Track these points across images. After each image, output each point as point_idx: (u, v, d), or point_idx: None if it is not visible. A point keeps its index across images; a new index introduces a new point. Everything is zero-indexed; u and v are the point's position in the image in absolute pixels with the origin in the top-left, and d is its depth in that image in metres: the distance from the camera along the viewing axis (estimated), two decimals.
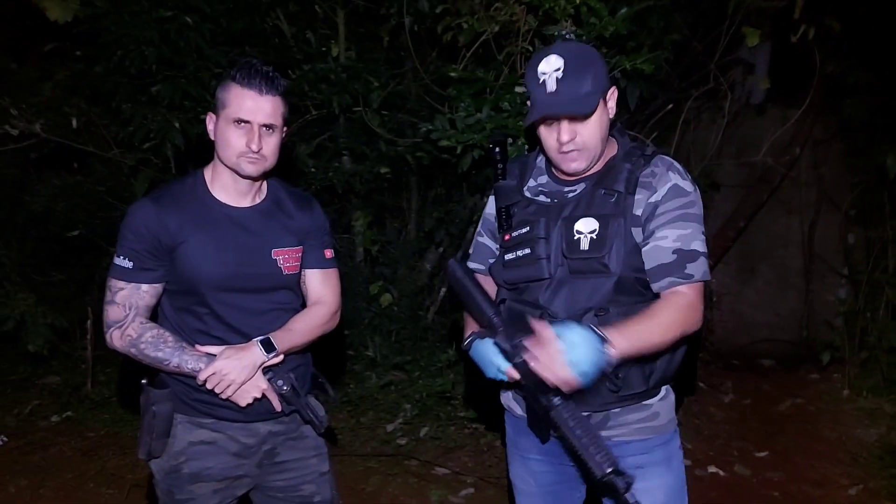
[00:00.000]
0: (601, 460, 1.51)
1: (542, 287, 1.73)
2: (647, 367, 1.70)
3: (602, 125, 1.71)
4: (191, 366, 1.80)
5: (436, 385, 4.14)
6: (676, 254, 1.65)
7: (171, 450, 1.88)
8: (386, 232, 4.86)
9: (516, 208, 1.83)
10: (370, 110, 4.11)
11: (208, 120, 1.87)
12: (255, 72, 1.79)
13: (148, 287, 1.83)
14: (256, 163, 1.81)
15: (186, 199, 1.86)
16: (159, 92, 3.82)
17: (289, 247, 1.94)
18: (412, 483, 3.49)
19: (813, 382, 4.36)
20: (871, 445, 3.62)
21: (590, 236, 1.68)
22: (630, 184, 1.70)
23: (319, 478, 2.05)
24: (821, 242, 5.18)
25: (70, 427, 4.12)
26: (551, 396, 1.59)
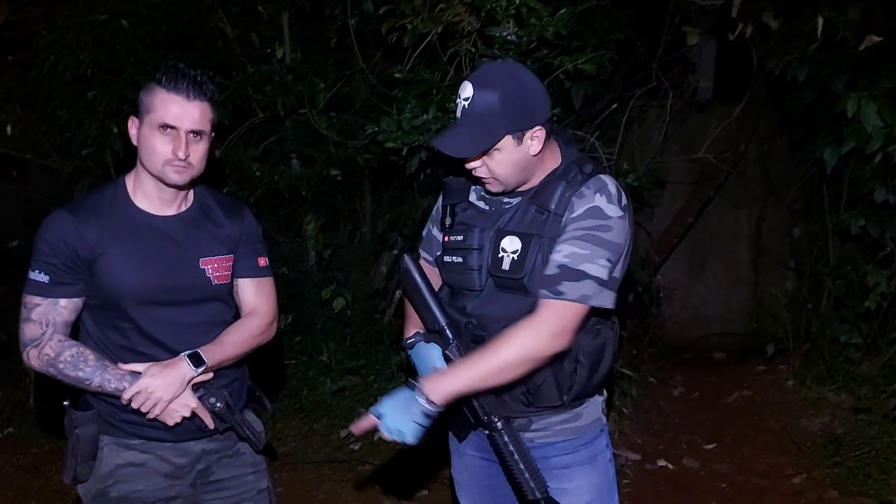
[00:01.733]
0: (534, 486, 1.65)
1: (472, 296, 1.74)
2: (565, 383, 1.69)
3: (514, 161, 1.65)
4: (113, 385, 1.72)
5: (390, 388, 4.11)
6: (560, 269, 1.61)
7: (98, 473, 1.82)
8: (339, 235, 4.81)
9: (458, 209, 1.82)
10: (317, 112, 4.06)
11: (130, 124, 1.79)
12: (183, 75, 1.71)
13: (66, 302, 1.75)
14: (183, 171, 1.74)
15: (106, 208, 1.78)
16: (96, 97, 3.73)
17: (218, 255, 1.87)
18: (366, 489, 3.47)
19: (760, 374, 4.44)
20: (814, 434, 3.69)
21: (511, 256, 1.67)
22: (561, 204, 1.67)
23: (258, 495, 2.00)
24: (768, 236, 5.28)
25: (12, 443, 4.00)
26: (493, 419, 1.65)
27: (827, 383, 3.97)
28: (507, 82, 1.62)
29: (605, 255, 1.61)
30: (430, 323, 1.73)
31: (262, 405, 2.00)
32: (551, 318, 1.61)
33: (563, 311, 1.61)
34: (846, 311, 4.08)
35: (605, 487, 1.83)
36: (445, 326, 1.70)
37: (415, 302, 1.76)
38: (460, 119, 1.64)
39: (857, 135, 3.54)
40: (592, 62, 3.19)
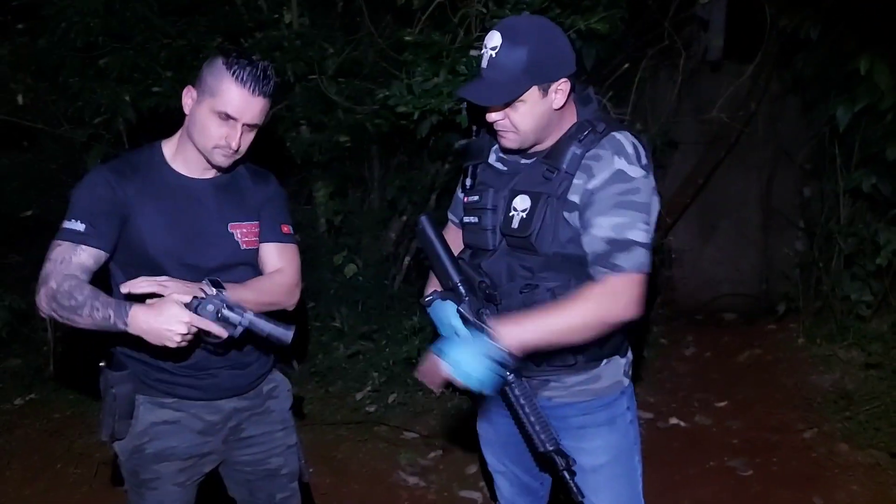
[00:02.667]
0: (545, 439, 1.67)
1: (486, 256, 1.77)
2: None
3: (537, 114, 1.65)
4: (100, 314, 1.60)
5: (402, 352, 4.16)
6: (609, 243, 1.61)
7: (134, 430, 1.86)
8: (348, 202, 4.82)
9: (478, 170, 1.84)
10: (326, 78, 4.05)
11: (186, 92, 1.78)
12: (253, 69, 1.70)
13: (90, 250, 1.70)
14: (230, 157, 1.78)
15: (144, 168, 1.80)
16: (107, 65, 3.71)
17: (246, 221, 1.89)
18: (382, 448, 3.54)
19: (770, 333, 4.47)
20: (825, 391, 3.74)
21: (521, 214, 1.69)
22: (573, 164, 1.66)
23: (286, 450, 2.05)
24: (778, 197, 5.26)
25: (34, 409, 4.08)
26: (505, 372, 1.65)
27: (837, 340, 4.01)
28: (535, 33, 1.62)
29: (641, 217, 1.63)
30: (445, 280, 1.75)
31: (289, 365, 2.04)
32: (620, 288, 1.61)
33: (629, 282, 1.62)
34: (857, 268, 4.09)
35: (625, 449, 1.85)
36: (459, 283, 1.72)
37: (431, 260, 1.78)
38: (486, 69, 1.63)
39: (869, 93, 3.53)
40: (604, 21, 3.17)
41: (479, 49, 3.27)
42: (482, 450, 2.06)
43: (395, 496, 3.17)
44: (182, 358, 1.81)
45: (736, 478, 3.13)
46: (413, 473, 3.33)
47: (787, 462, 3.20)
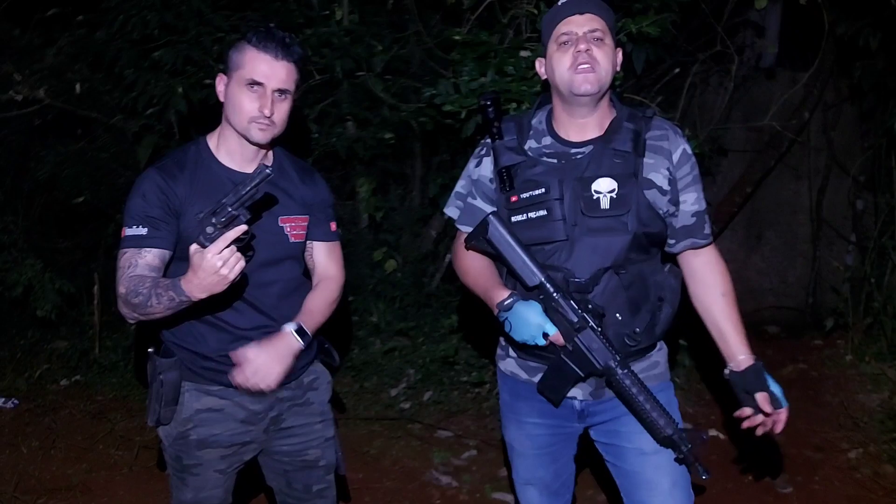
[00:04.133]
0: (664, 424, 1.70)
1: (557, 248, 1.74)
2: (655, 321, 1.80)
3: (612, 61, 1.76)
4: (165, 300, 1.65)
5: (439, 350, 4.16)
6: (695, 217, 1.80)
7: (179, 417, 1.90)
8: (390, 198, 4.84)
9: (518, 169, 1.80)
10: (373, 75, 4.07)
11: (218, 81, 1.85)
12: (272, 36, 1.77)
13: (151, 250, 1.77)
14: (266, 129, 1.80)
15: (191, 165, 1.85)
16: (161, 57, 3.80)
17: (295, 215, 1.93)
18: (415, 446, 3.54)
19: (817, 348, 4.36)
20: (872, 410, 3.62)
21: (609, 195, 1.71)
22: (638, 145, 1.74)
23: (324, 443, 2.07)
24: (829, 208, 5.12)
25: (79, 391, 4.18)
26: (611, 364, 1.70)
27: (887, 359, 3.89)
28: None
29: (702, 188, 1.83)
30: (528, 279, 1.72)
31: (331, 357, 2.06)
32: (718, 255, 1.88)
33: (716, 252, 1.89)
34: None
35: None
36: (545, 280, 1.71)
37: (508, 260, 1.75)
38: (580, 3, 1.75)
39: None
40: (656, 25, 3.12)
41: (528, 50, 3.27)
42: (512, 461, 2.03)
43: (426, 495, 3.17)
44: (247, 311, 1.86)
45: (775, 495, 3.06)
46: (446, 473, 3.32)
47: (830, 482, 3.12)
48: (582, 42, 1.71)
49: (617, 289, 1.74)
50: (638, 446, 1.80)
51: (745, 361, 1.78)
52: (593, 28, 1.73)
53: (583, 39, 1.71)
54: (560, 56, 1.74)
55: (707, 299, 1.84)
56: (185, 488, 1.96)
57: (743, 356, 1.79)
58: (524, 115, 1.92)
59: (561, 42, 1.74)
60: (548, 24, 1.80)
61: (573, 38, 1.72)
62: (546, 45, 1.81)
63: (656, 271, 1.83)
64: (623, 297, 1.75)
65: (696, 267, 1.85)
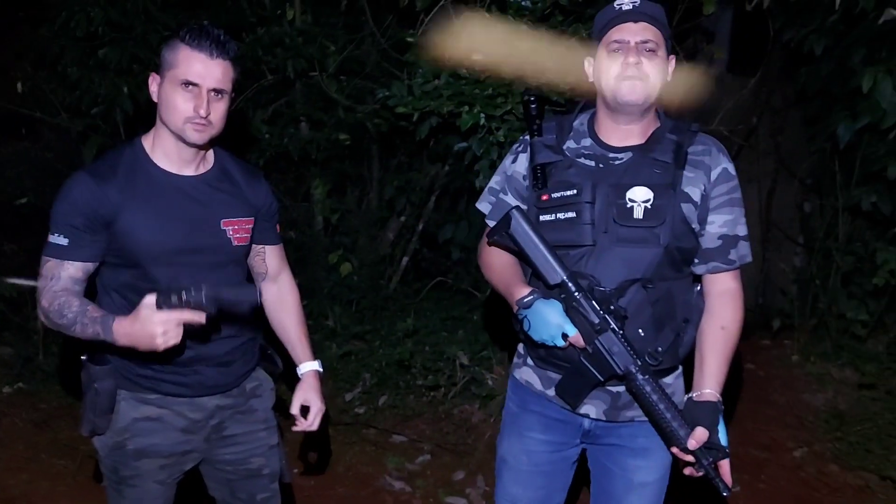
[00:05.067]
0: (683, 435, 1.61)
1: (584, 254, 1.70)
2: (679, 343, 1.74)
3: (662, 73, 1.69)
4: (90, 329, 1.65)
5: (395, 354, 4.13)
6: (721, 239, 1.72)
7: (115, 426, 1.83)
8: (346, 200, 4.81)
9: (554, 168, 1.76)
10: (327, 75, 4.03)
11: (151, 80, 1.77)
12: (206, 34, 1.70)
13: (74, 263, 1.72)
14: (203, 130, 1.73)
15: (126, 168, 1.76)
16: (106, 56, 3.71)
17: (239, 217, 1.87)
18: (369, 451, 3.52)
19: (765, 348, 4.45)
20: (818, 409, 3.72)
21: (644, 205, 1.67)
22: (679, 157, 1.69)
23: (268, 450, 2.03)
24: (778, 211, 5.24)
25: (22, 398, 4.04)
26: (631, 368, 1.63)
27: (832, 359, 3.99)
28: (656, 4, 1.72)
29: (743, 212, 1.76)
30: (550, 277, 1.67)
31: (273, 363, 2.02)
32: (738, 286, 1.78)
33: (738, 277, 1.79)
34: (854, 287, 4.07)
35: (668, 466, 1.85)
36: (567, 279, 1.65)
37: (530, 257, 1.69)
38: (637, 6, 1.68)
39: (872, 110, 3.51)
40: None
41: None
42: (500, 475, 1.97)
43: (379, 501, 3.15)
44: (171, 357, 1.77)
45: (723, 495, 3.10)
46: (399, 478, 3.30)
47: (776, 481, 3.18)
48: (632, 54, 1.65)
49: (643, 303, 1.68)
50: (629, 477, 1.79)
51: (709, 396, 1.67)
52: (646, 38, 1.66)
53: (633, 50, 1.66)
54: (609, 63, 1.69)
55: (705, 327, 1.74)
56: (122, 501, 1.89)
57: (709, 390, 1.67)
58: (567, 116, 1.88)
59: (612, 49, 1.69)
60: (599, 24, 1.73)
61: (625, 46, 1.67)
62: (597, 44, 1.74)
63: (686, 291, 1.76)
64: (648, 313, 1.68)
65: (711, 292, 1.77)
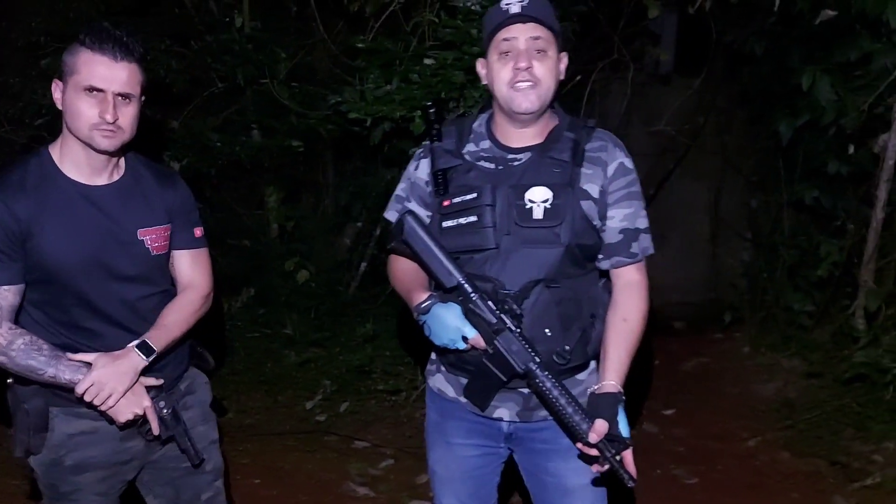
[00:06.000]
0: (586, 429, 1.58)
1: (488, 257, 1.68)
2: (587, 338, 1.73)
3: (555, 73, 1.67)
4: (67, 377, 1.65)
5: (355, 360, 4.13)
6: (623, 233, 1.70)
7: (50, 443, 1.75)
8: (301, 207, 4.78)
9: (454, 173, 1.74)
10: (278, 82, 4.01)
11: (54, 87, 1.68)
12: (108, 35, 1.61)
13: (10, 287, 1.66)
14: (112, 136, 1.64)
15: (33, 181, 1.66)
16: (49, 65, 3.62)
17: (156, 225, 1.79)
18: (331, 458, 3.49)
19: (717, 342, 4.57)
20: (769, 399, 3.82)
21: (543, 205, 1.65)
22: (577, 155, 1.68)
23: (209, 445, 1.96)
24: (726, 208, 5.38)
25: None
26: (530, 366, 1.61)
27: (781, 350, 4.10)
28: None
29: (642, 205, 1.74)
30: (446, 280, 1.65)
31: (204, 361, 1.97)
32: (643, 278, 1.76)
33: (643, 269, 1.76)
34: (800, 279, 4.20)
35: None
36: (463, 281, 1.63)
37: (425, 261, 1.67)
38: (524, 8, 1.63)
39: (811, 108, 3.62)
40: None
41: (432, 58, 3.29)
42: (435, 488, 1.97)
43: None
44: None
45: (680, 486, 3.17)
46: (362, 484, 3.29)
47: (731, 470, 3.26)
48: (523, 58, 1.63)
49: (548, 303, 1.66)
50: (561, 482, 1.78)
51: (609, 387, 1.64)
52: (536, 36, 1.63)
53: (524, 55, 1.63)
54: (500, 67, 1.66)
55: (609, 319, 1.72)
56: None
57: (611, 382, 1.64)
58: (467, 118, 1.87)
59: (502, 51, 1.66)
60: (489, 26, 1.69)
61: (514, 49, 1.64)
62: (487, 48, 1.71)
63: (591, 286, 1.75)
64: (554, 313, 1.67)
65: (616, 286, 1.76)
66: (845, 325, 3.84)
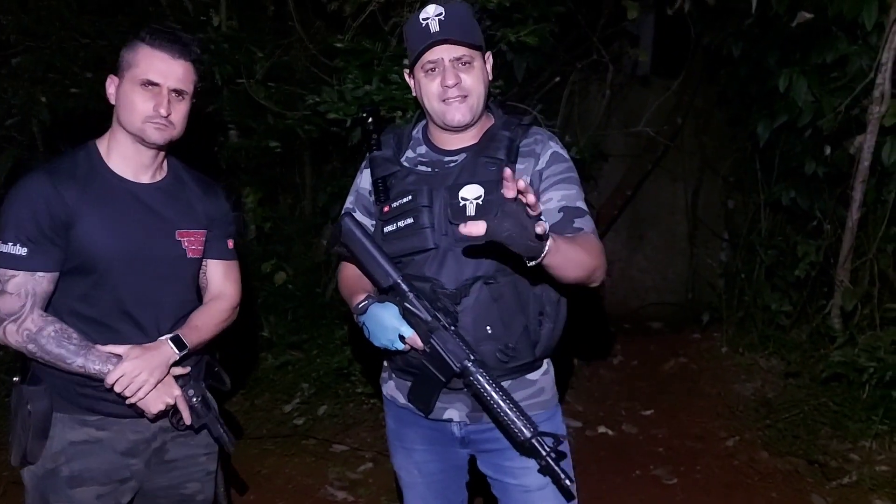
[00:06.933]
0: (523, 426, 1.56)
1: (428, 258, 1.69)
2: (533, 336, 1.71)
3: (483, 79, 1.71)
4: (97, 367, 1.66)
5: (333, 362, 4.09)
6: (563, 212, 1.68)
7: (49, 452, 1.72)
8: (279, 208, 4.73)
9: (394, 179, 1.76)
10: (255, 82, 3.96)
11: (109, 83, 1.74)
12: (168, 33, 1.69)
13: (44, 274, 1.67)
14: (164, 129, 1.70)
15: (82, 172, 1.71)
16: (20, 64, 3.55)
17: (194, 229, 1.83)
18: (310, 462, 3.46)
19: (695, 342, 4.59)
20: (747, 399, 3.85)
21: (475, 202, 1.65)
22: (511, 152, 1.71)
23: (205, 476, 1.94)
24: (704, 208, 5.42)
25: None
26: (466, 364, 1.59)
27: (759, 349, 4.13)
28: (460, 4, 1.72)
29: (581, 192, 1.74)
30: (383, 280, 1.65)
31: (220, 381, 1.94)
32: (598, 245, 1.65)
33: (596, 240, 1.67)
34: (777, 279, 4.24)
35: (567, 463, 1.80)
36: (400, 280, 1.63)
37: (362, 262, 1.67)
38: (444, 26, 1.64)
39: (788, 109, 3.66)
40: (535, 34, 3.20)
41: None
42: (404, 492, 1.96)
43: None
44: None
45: (660, 486, 3.18)
46: (341, 488, 3.26)
47: (710, 470, 3.27)
48: (450, 76, 1.66)
49: (487, 301, 1.65)
50: (523, 483, 1.77)
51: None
52: (459, 56, 1.67)
53: (450, 72, 1.66)
54: (428, 83, 1.69)
55: None
56: None
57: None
58: (406, 125, 1.89)
59: (428, 69, 1.69)
60: (410, 45, 1.71)
61: (440, 66, 1.67)
62: (412, 63, 1.73)
63: (537, 283, 1.71)
64: (494, 310, 1.66)
65: None
66: (822, 324, 3.87)
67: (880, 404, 3.35)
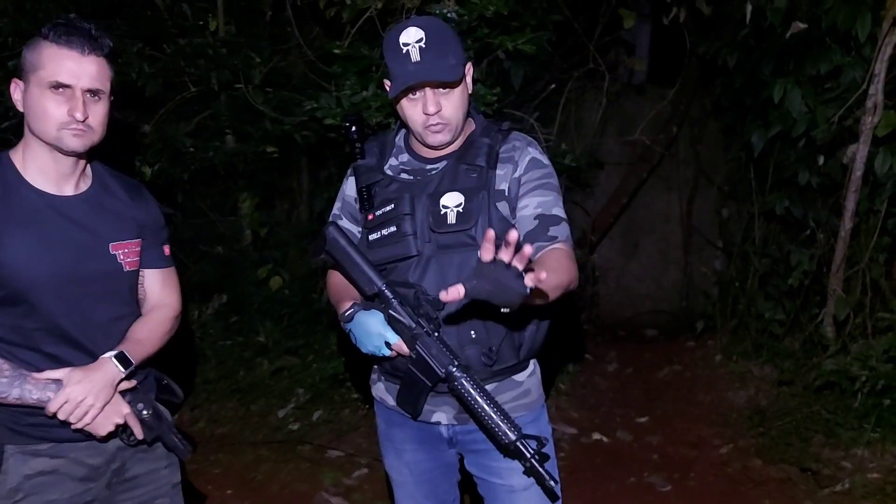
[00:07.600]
0: (507, 429, 1.58)
1: (411, 265, 1.71)
2: (517, 339, 1.73)
3: (464, 99, 1.71)
4: (35, 396, 1.54)
5: (329, 368, 4.08)
6: (538, 219, 1.68)
7: (4, 488, 1.58)
8: (275, 213, 4.73)
9: (377, 187, 1.78)
10: (252, 87, 3.97)
11: (13, 88, 1.57)
12: (75, 29, 1.51)
13: None
14: (82, 135, 1.53)
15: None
16: (16, 67, 3.53)
17: (128, 239, 1.69)
18: (304, 468, 3.45)
19: (689, 349, 4.61)
20: (741, 407, 3.86)
21: (456, 210, 1.67)
22: (491, 159, 1.72)
23: (172, 489, 1.84)
24: (698, 217, 5.45)
25: None
26: (451, 369, 1.61)
27: (752, 358, 4.15)
28: (438, 22, 1.70)
29: (560, 197, 1.75)
30: (367, 287, 1.66)
31: (172, 394, 1.83)
32: (570, 256, 1.66)
33: (570, 251, 1.68)
34: (771, 288, 4.26)
35: (551, 464, 1.81)
36: (384, 287, 1.64)
37: (347, 270, 1.69)
38: (424, 57, 1.63)
39: (782, 119, 3.68)
40: (532, 43, 3.21)
41: None
42: (394, 491, 1.97)
43: None
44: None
45: (655, 494, 3.19)
46: (336, 493, 3.25)
47: (704, 478, 3.28)
48: (431, 104, 1.65)
49: (470, 305, 1.63)
50: (508, 483, 1.78)
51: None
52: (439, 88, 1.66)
53: (432, 100, 1.65)
54: (410, 107, 1.69)
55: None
56: None
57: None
58: (389, 133, 1.90)
59: (410, 97, 1.68)
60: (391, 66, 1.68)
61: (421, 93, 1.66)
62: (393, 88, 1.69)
63: None
64: (477, 314, 1.66)
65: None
66: (815, 333, 3.89)
67: (872, 412, 3.36)
